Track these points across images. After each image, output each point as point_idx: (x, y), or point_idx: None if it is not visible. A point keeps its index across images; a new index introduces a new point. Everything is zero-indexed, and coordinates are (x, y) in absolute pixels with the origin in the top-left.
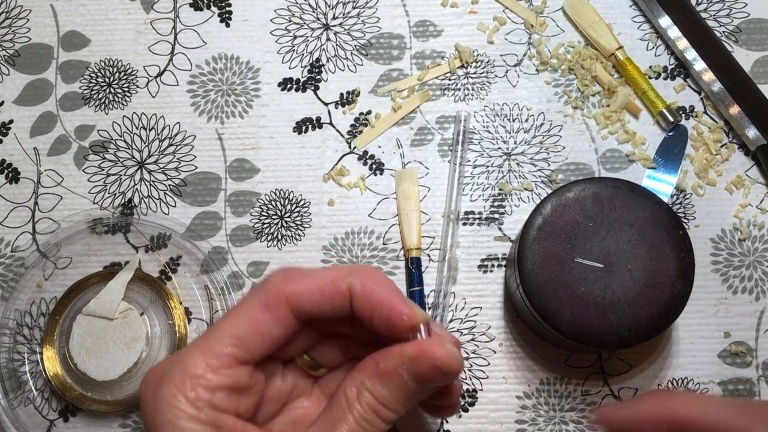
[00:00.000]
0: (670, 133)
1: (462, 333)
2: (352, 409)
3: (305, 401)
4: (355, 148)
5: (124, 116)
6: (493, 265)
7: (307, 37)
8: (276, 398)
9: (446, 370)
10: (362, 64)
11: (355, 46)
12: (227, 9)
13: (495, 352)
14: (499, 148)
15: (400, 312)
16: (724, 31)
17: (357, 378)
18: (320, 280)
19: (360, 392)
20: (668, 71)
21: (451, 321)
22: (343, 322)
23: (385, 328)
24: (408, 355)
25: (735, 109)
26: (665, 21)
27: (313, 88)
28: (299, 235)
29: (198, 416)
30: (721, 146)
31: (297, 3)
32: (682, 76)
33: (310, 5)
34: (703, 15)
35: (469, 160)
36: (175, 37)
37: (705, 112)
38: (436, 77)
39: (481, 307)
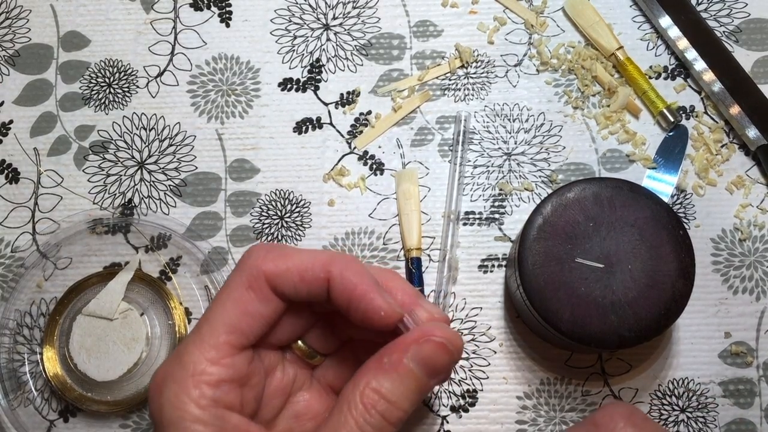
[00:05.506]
0: (671, 133)
1: (462, 333)
2: (354, 412)
3: (306, 394)
4: (355, 148)
5: (124, 116)
6: (493, 265)
7: (307, 37)
8: (279, 391)
9: (452, 347)
10: (362, 64)
11: (355, 46)
12: (227, 9)
13: (495, 353)
14: (500, 148)
15: (377, 307)
16: (724, 31)
17: (360, 381)
18: (300, 264)
19: (363, 394)
20: (668, 71)
21: (451, 321)
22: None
23: (361, 321)
24: (412, 340)
25: (735, 109)
26: (665, 21)
27: (313, 88)
28: (299, 235)
29: (202, 417)
30: (722, 146)
31: (297, 3)
32: (682, 76)
33: (310, 5)
34: (703, 15)
35: (469, 160)
36: (175, 37)
37: (705, 112)
38: (437, 77)
39: (481, 308)
